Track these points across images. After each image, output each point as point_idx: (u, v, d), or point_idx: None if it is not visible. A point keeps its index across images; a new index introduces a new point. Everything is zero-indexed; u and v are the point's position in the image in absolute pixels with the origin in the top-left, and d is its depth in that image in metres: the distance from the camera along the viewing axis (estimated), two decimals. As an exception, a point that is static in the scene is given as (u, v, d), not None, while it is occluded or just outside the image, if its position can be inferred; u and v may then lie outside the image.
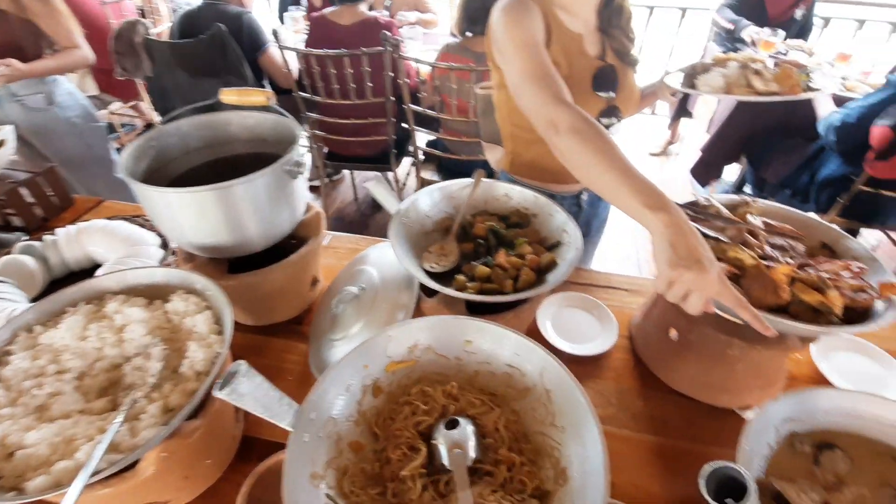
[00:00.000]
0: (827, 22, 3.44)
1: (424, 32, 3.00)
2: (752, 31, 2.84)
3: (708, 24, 3.38)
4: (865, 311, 0.69)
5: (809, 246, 0.83)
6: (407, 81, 2.10)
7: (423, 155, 2.46)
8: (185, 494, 0.67)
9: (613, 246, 2.70)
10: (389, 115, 2.26)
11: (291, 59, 2.31)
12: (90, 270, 1.05)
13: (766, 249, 0.77)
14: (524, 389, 0.62)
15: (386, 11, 3.03)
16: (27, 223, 1.23)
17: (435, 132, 2.28)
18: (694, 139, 3.32)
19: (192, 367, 0.63)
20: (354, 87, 2.14)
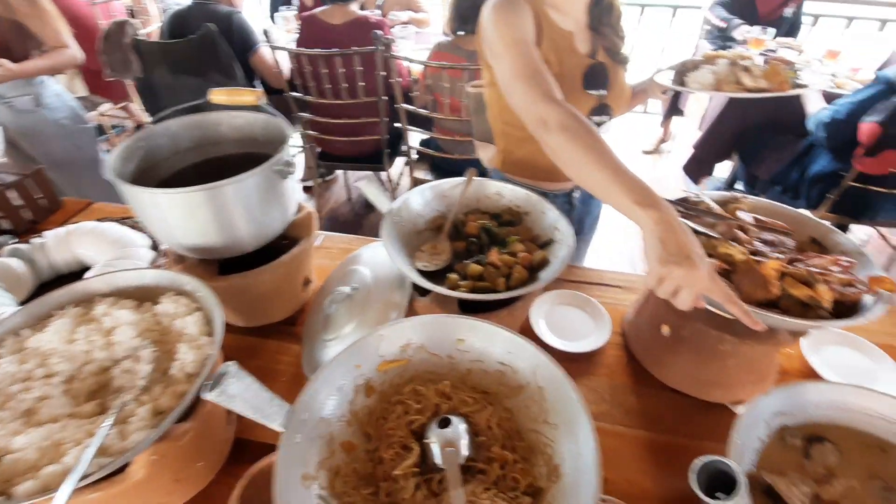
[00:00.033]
0: (816, 20, 3.47)
1: (417, 32, 3.00)
2: (744, 29, 2.86)
3: (699, 22, 3.40)
4: (854, 304, 0.70)
5: (799, 241, 0.83)
6: (399, 80, 2.10)
7: (416, 154, 2.46)
8: (176, 497, 0.67)
9: (606, 243, 2.70)
10: (382, 114, 2.26)
11: (283, 58, 2.30)
12: (79, 273, 1.04)
13: (755, 245, 0.77)
14: (517, 387, 0.62)
15: (378, 11, 3.02)
16: (15, 226, 1.22)
17: (428, 131, 2.28)
18: (686, 137, 3.33)
19: (182, 369, 0.62)
20: (346, 86, 2.13)
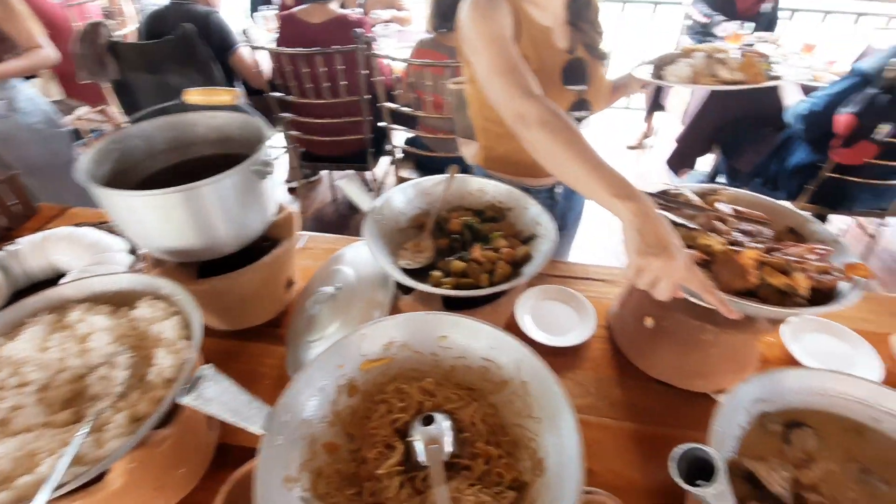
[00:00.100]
0: (792, 14, 3.54)
1: (399, 30, 2.99)
2: (725, 25, 2.91)
3: (680, 18, 3.44)
4: (830, 291, 0.71)
5: (777, 231, 0.84)
6: (382, 79, 2.08)
7: (401, 153, 2.44)
8: (158, 505, 0.65)
9: (591, 238, 2.72)
10: (365, 113, 2.24)
11: (263, 58, 2.27)
12: (55, 280, 1.01)
13: (734, 235, 0.78)
14: (501, 382, 0.62)
15: (359, 9, 3.00)
16: (-12, 233, 1.19)
17: (412, 130, 2.27)
18: (669, 132, 3.37)
19: (160, 374, 0.61)
20: (328, 85, 2.12)
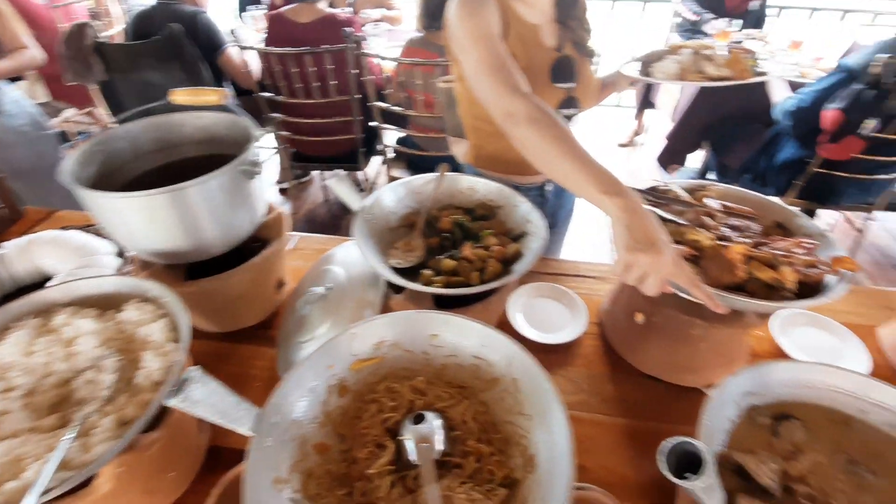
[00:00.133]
0: (780, 11, 3.58)
1: (389, 29, 2.98)
2: (713, 23, 2.93)
3: (669, 15, 3.46)
4: (817, 285, 0.72)
5: (764, 226, 0.85)
6: (372, 78, 2.08)
7: (392, 153, 2.44)
8: (148, 509, 0.65)
9: (582, 236, 2.73)
10: (355, 113, 2.23)
11: (252, 58, 2.26)
12: (42, 284, 1.00)
13: (722, 230, 0.79)
14: (492, 380, 0.62)
15: (349, 8, 2.99)
16: (-27, 237, 1.17)
17: (403, 129, 2.26)
18: (659, 129, 3.39)
19: (148, 377, 0.61)
20: (318, 85, 2.11)
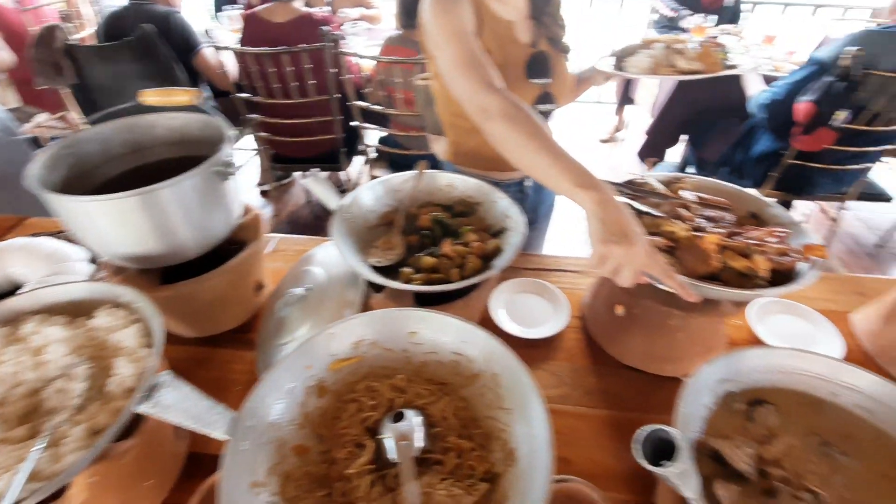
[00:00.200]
0: (754, 7, 3.65)
1: (368, 28, 2.96)
2: (689, 19, 2.98)
3: (647, 12, 3.50)
4: (790, 272, 0.73)
5: (739, 216, 0.86)
6: (351, 77, 2.06)
7: (375, 152, 2.43)
8: (125, 519, 0.63)
9: (564, 231, 2.75)
10: (335, 112, 2.22)
11: (229, 59, 2.22)
12: (12, 293, 0.97)
13: (697, 221, 0.80)
14: (472, 376, 0.62)
15: (327, 7, 2.97)
16: (-62, 247, 1.13)
17: (384, 128, 2.25)
18: (639, 124, 3.44)
19: (120, 384, 0.59)
20: (296, 85, 2.09)
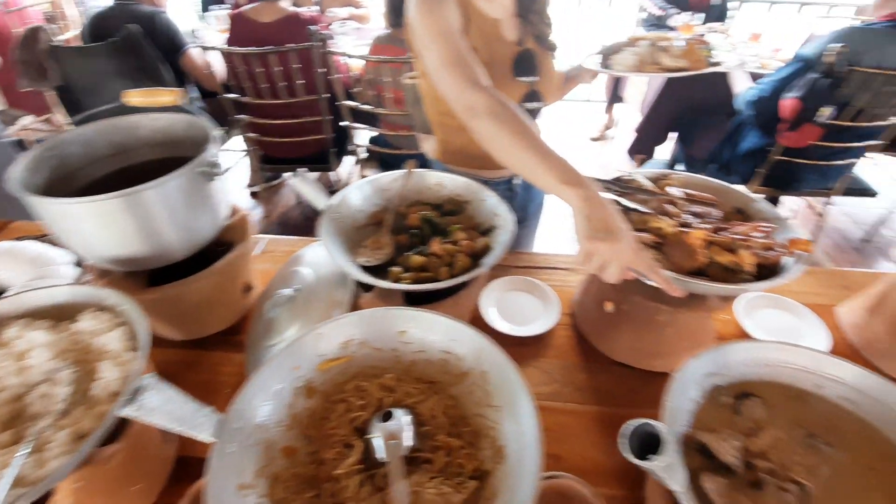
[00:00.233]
0: (740, 5, 3.69)
1: (357, 27, 2.95)
2: (676, 18, 3.00)
3: (635, 11, 3.52)
4: (775, 266, 0.74)
5: (725, 211, 0.87)
6: (340, 77, 2.05)
7: (366, 152, 2.42)
8: (112, 524, 0.63)
9: (554, 228, 2.76)
10: (324, 112, 2.21)
11: (216, 59, 2.21)
12: (-4, 297, 0.96)
13: (684, 217, 0.80)
14: (461, 374, 0.62)
15: (316, 7, 2.95)
16: (-81, 252, 1.11)
17: (374, 128, 2.24)
18: (629, 122, 3.45)
19: (105, 388, 0.58)
20: (285, 85, 2.07)
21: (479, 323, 0.91)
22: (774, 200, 2.46)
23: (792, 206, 2.93)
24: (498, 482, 0.52)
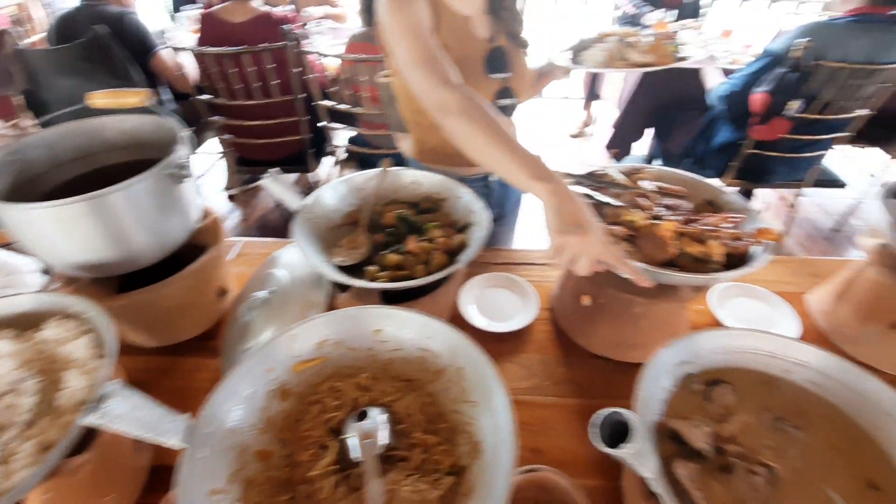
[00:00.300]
0: (713, 1, 3.76)
1: (333, 27, 2.93)
2: (650, 15, 3.05)
3: (610, 9, 3.57)
4: (744, 256, 0.76)
5: (696, 203, 0.89)
6: (315, 76, 2.03)
7: (345, 153, 2.40)
8: (83, 537, 0.61)
9: (533, 224, 2.78)
10: (300, 113, 2.18)
11: (189, 60, 2.16)
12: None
13: (656, 210, 0.82)
14: (438, 371, 0.62)
15: (291, 6, 2.92)
16: None
17: (352, 127, 2.23)
18: (607, 119, 3.49)
19: (71, 397, 0.57)
20: (259, 85, 2.04)
21: (458, 320, 0.91)
22: (748, 193, 2.51)
23: (765, 198, 3.00)
24: (475, 477, 0.52)
